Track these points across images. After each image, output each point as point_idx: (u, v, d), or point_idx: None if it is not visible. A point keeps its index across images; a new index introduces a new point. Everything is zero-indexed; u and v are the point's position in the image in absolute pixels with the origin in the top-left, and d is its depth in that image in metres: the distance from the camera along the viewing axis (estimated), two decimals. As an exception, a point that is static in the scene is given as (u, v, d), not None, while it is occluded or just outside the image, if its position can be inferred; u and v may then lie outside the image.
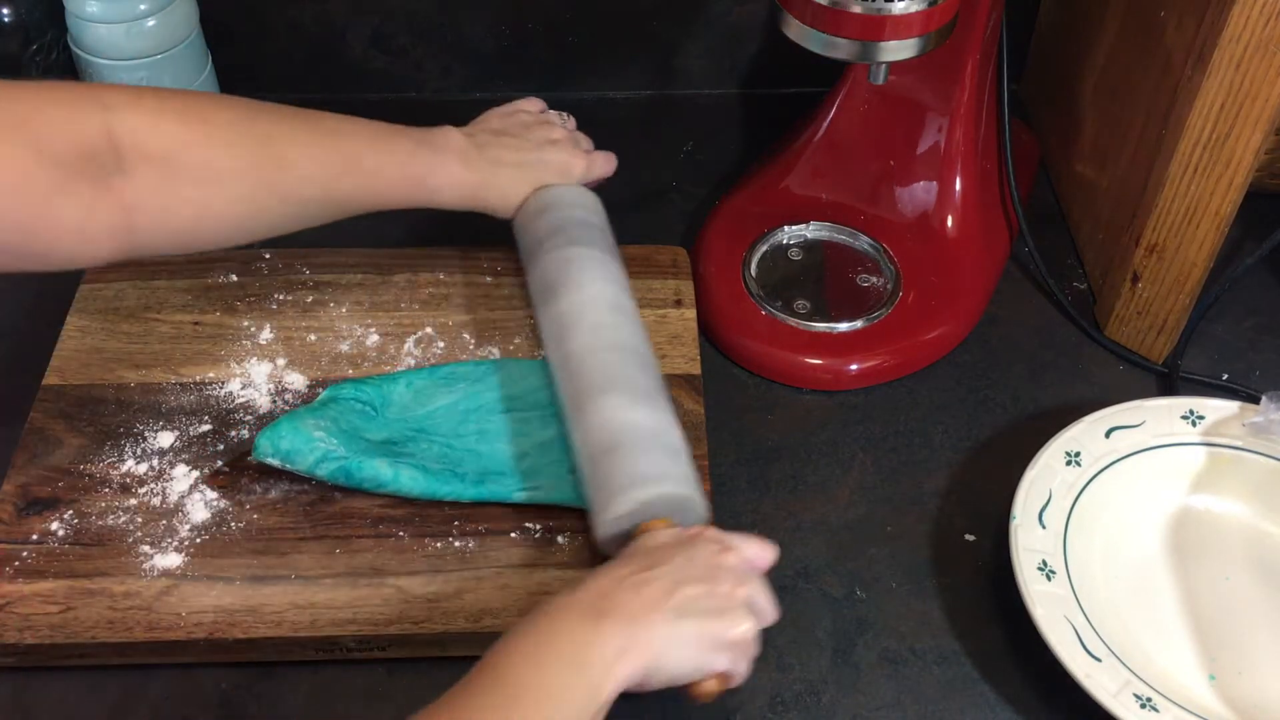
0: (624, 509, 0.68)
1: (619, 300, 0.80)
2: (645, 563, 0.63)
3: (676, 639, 0.60)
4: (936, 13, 0.76)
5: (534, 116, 0.89)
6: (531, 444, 0.79)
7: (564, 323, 0.78)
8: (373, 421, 0.79)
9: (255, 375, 0.84)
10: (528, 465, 0.78)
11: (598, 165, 0.88)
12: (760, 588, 0.65)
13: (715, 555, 0.64)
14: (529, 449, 0.79)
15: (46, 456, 0.78)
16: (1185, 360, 0.89)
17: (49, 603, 0.71)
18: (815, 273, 0.93)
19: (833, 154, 0.96)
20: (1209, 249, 0.84)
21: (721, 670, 0.62)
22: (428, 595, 0.72)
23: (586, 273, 0.80)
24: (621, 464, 0.70)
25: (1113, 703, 0.66)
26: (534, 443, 0.79)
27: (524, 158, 0.84)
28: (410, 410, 0.80)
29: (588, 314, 0.78)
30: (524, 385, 0.82)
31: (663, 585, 0.61)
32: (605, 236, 0.84)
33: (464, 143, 0.82)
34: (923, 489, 0.82)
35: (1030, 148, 1.04)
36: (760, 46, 1.09)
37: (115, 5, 0.92)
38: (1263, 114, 0.77)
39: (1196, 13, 0.77)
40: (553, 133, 0.87)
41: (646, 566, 0.63)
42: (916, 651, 0.74)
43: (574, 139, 0.89)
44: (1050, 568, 0.73)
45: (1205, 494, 0.80)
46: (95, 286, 0.88)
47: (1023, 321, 0.93)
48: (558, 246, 0.81)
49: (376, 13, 1.05)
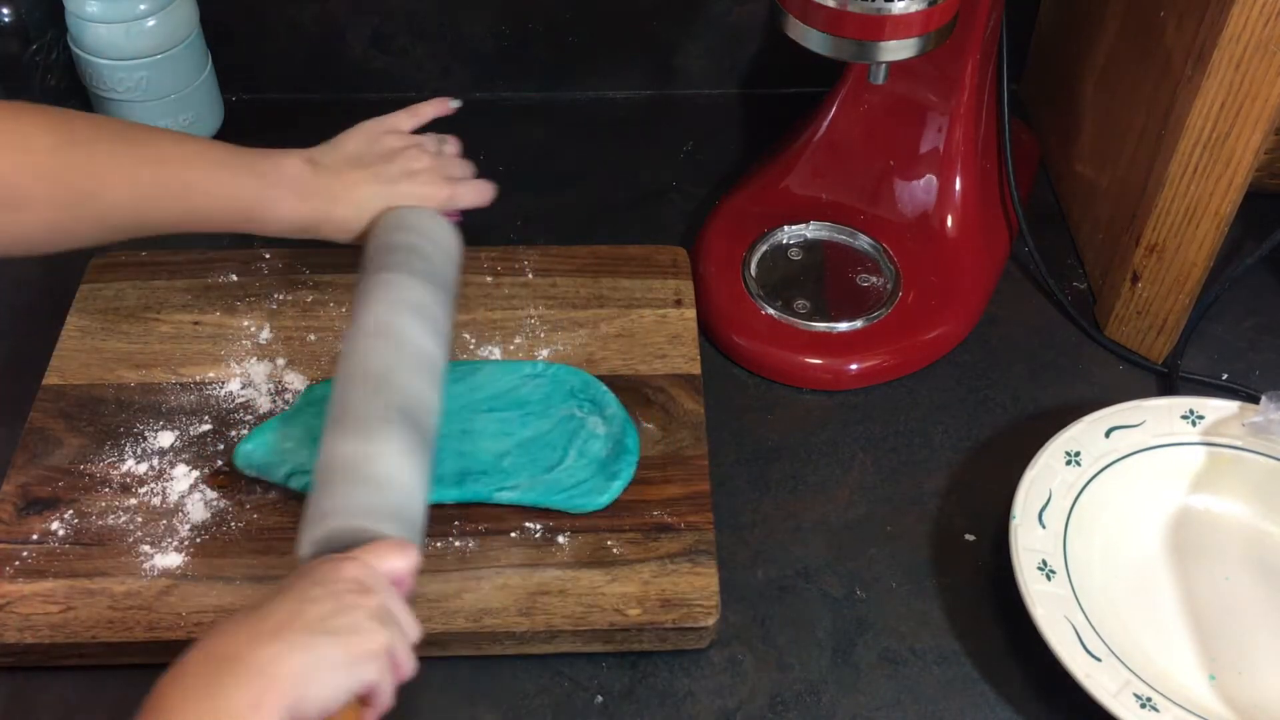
0: (304, 550, 0.64)
1: (387, 322, 0.73)
2: (266, 601, 0.57)
3: (312, 666, 0.55)
4: (936, 12, 0.76)
5: (402, 140, 0.82)
6: (513, 443, 0.79)
7: (343, 351, 0.73)
8: None
9: (255, 375, 0.84)
10: (509, 464, 0.78)
11: (463, 198, 0.82)
12: (392, 596, 0.59)
13: (334, 569, 0.59)
14: (510, 448, 0.79)
15: (46, 456, 0.78)
16: (1185, 360, 0.89)
17: (49, 603, 0.71)
18: (815, 273, 0.93)
19: (833, 154, 0.96)
20: (1209, 249, 0.84)
21: (370, 684, 0.57)
22: (427, 595, 0.72)
23: (374, 299, 0.74)
24: (313, 501, 0.65)
25: (1113, 703, 0.66)
26: (515, 442, 0.79)
27: (373, 191, 0.79)
28: None
29: (354, 342, 0.72)
30: (504, 384, 0.82)
31: (280, 617, 0.56)
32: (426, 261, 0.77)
33: (302, 172, 0.77)
34: (923, 489, 0.82)
35: (1030, 148, 1.04)
36: (760, 46, 1.09)
37: (115, 5, 0.92)
38: (1263, 114, 0.77)
39: (1196, 13, 0.77)
40: (415, 162, 0.80)
41: (265, 603, 0.57)
42: (916, 651, 0.74)
43: (442, 168, 0.82)
44: (1050, 567, 0.73)
45: (1205, 494, 0.80)
46: (95, 286, 0.88)
47: (1023, 321, 0.93)
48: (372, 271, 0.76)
49: (376, 13, 1.05)
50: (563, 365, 0.83)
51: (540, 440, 0.79)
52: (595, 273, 0.91)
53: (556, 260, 0.91)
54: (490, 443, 0.79)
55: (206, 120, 1.02)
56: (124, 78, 0.95)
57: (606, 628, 0.71)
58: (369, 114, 0.81)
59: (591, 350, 0.86)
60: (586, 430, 0.80)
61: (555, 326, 0.87)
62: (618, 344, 0.86)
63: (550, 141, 1.07)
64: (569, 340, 0.86)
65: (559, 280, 0.90)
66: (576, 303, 0.89)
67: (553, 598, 0.72)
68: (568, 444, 0.79)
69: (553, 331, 0.87)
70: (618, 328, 0.87)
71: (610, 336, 0.86)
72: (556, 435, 0.80)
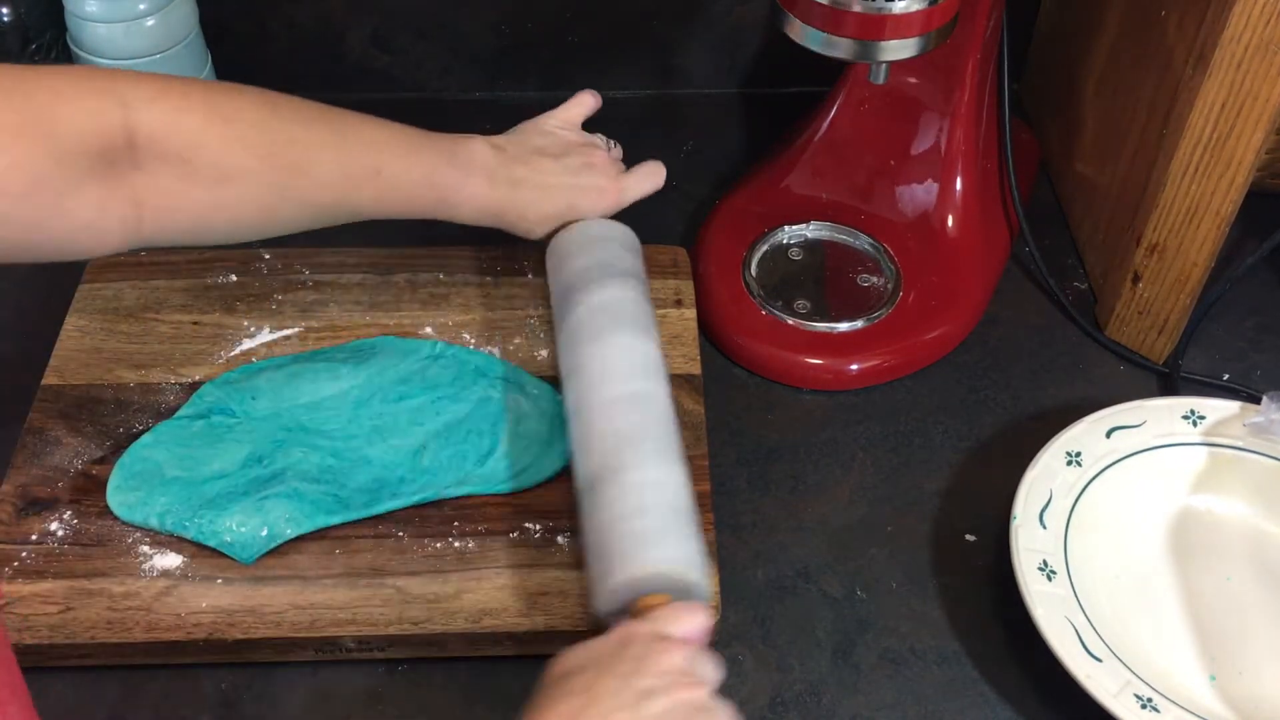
0: (622, 580, 0.64)
1: (649, 356, 0.75)
2: (593, 674, 0.57)
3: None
4: (937, 12, 0.76)
5: (578, 135, 0.85)
6: (428, 433, 0.77)
7: (589, 378, 0.73)
8: (231, 434, 0.77)
9: (255, 375, 0.84)
10: (428, 460, 0.77)
11: (639, 185, 0.84)
12: (709, 666, 0.60)
13: (659, 656, 0.58)
14: (426, 440, 0.77)
15: (46, 456, 0.78)
16: (1186, 360, 0.89)
17: (48, 603, 0.71)
18: (815, 273, 0.93)
19: (833, 154, 0.96)
20: (1210, 249, 0.84)
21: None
22: (427, 595, 0.72)
23: (616, 325, 0.75)
24: (631, 534, 0.65)
25: (1113, 703, 0.66)
26: (430, 432, 0.77)
27: (554, 180, 0.81)
28: (283, 401, 0.79)
29: (614, 373, 0.72)
30: (408, 366, 0.80)
31: (614, 706, 0.56)
32: (639, 278, 0.80)
33: (491, 159, 0.79)
34: (923, 489, 0.82)
35: (1030, 148, 1.04)
36: (760, 46, 1.09)
37: (115, 5, 0.92)
38: (1263, 114, 0.77)
39: (1197, 13, 0.77)
40: (592, 156, 0.83)
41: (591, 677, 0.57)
42: (917, 651, 0.74)
43: (614, 165, 0.85)
44: (1051, 568, 0.72)
45: (1206, 494, 0.79)
46: (94, 286, 0.88)
47: (1023, 321, 0.93)
48: (589, 292, 0.76)
49: (376, 12, 1.05)
50: (460, 346, 0.83)
51: (461, 427, 0.77)
52: (595, 273, 0.90)
53: (556, 260, 0.91)
54: (404, 438, 0.77)
55: (206, 120, 1.02)
56: (123, 77, 0.95)
57: (607, 628, 0.71)
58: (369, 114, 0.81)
59: (591, 350, 0.85)
60: (513, 411, 0.78)
61: (555, 326, 0.87)
62: (618, 344, 0.86)
63: (550, 141, 1.07)
64: (569, 340, 0.86)
65: (559, 280, 0.90)
66: (576, 303, 0.88)
67: (553, 598, 0.72)
68: (494, 428, 0.78)
69: (553, 331, 0.86)
70: (618, 328, 0.87)
71: (610, 336, 0.86)
72: (478, 420, 0.78)
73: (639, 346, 0.74)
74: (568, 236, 0.81)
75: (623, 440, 0.69)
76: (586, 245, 0.80)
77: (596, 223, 0.82)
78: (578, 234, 0.81)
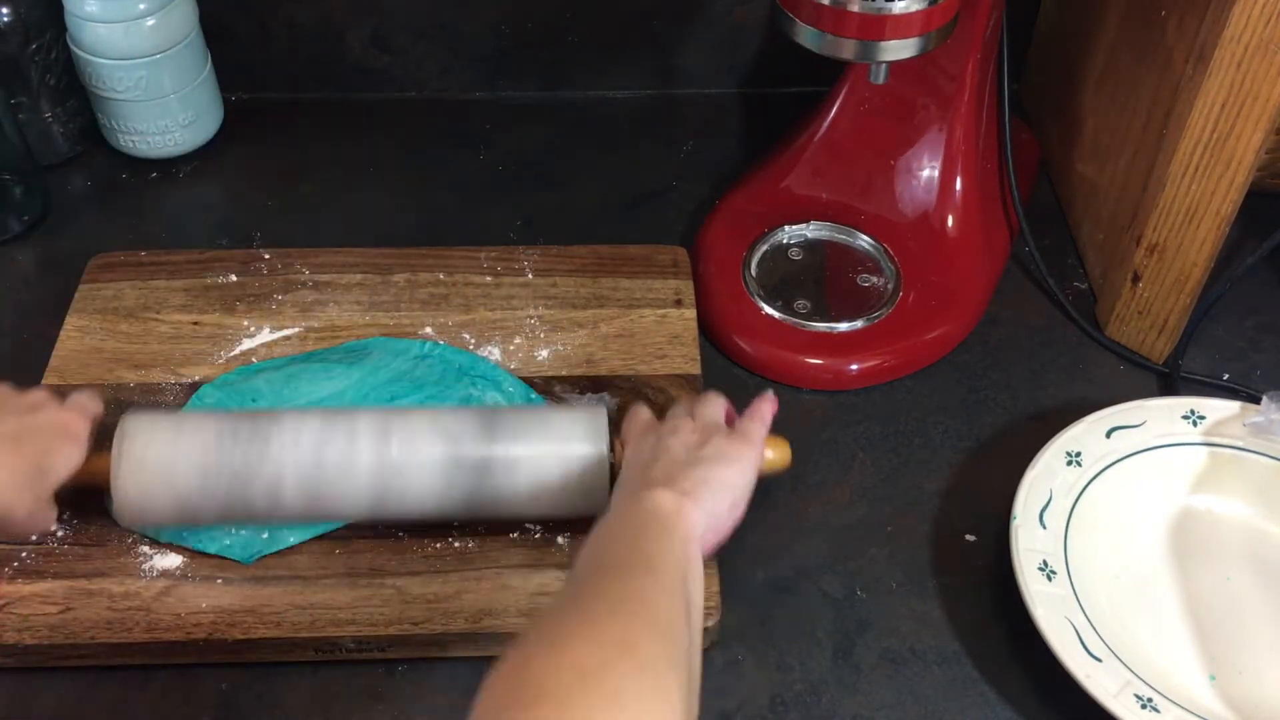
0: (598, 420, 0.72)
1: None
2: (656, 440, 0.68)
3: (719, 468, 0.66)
4: (936, 12, 0.76)
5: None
6: None
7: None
8: None
9: (255, 375, 0.84)
10: None
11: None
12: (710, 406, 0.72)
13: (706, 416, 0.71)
14: None
15: (46, 456, 0.78)
16: (1186, 360, 0.89)
17: (48, 603, 0.71)
18: (815, 273, 0.93)
19: (833, 154, 0.96)
20: (1210, 249, 0.84)
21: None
22: (427, 595, 0.72)
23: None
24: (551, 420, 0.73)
25: (1113, 703, 0.66)
26: None
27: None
28: (282, 402, 0.79)
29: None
30: (398, 366, 0.81)
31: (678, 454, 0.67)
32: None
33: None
34: (923, 489, 0.82)
35: (1030, 148, 1.04)
36: (760, 46, 1.09)
37: (115, 5, 0.92)
38: (1263, 113, 0.77)
39: (1197, 12, 0.77)
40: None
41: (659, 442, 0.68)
42: (917, 651, 0.74)
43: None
44: (1051, 568, 0.72)
45: (1206, 494, 0.79)
46: (94, 286, 0.88)
47: (1023, 321, 0.93)
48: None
49: (376, 12, 1.05)
50: (448, 345, 0.83)
51: None
52: (595, 273, 0.90)
53: (556, 260, 0.91)
54: None
55: (206, 120, 1.02)
56: (123, 77, 0.95)
57: None
58: (369, 114, 0.81)
59: (591, 350, 0.86)
60: (490, 406, 0.79)
61: (555, 327, 0.87)
62: (618, 344, 0.86)
63: (550, 141, 1.07)
64: (569, 340, 0.86)
65: (559, 280, 0.90)
66: (576, 303, 0.88)
67: (553, 598, 0.72)
68: None
69: (553, 332, 0.86)
70: (618, 328, 0.87)
71: (610, 337, 0.86)
72: None
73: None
74: None
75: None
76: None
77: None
78: None
